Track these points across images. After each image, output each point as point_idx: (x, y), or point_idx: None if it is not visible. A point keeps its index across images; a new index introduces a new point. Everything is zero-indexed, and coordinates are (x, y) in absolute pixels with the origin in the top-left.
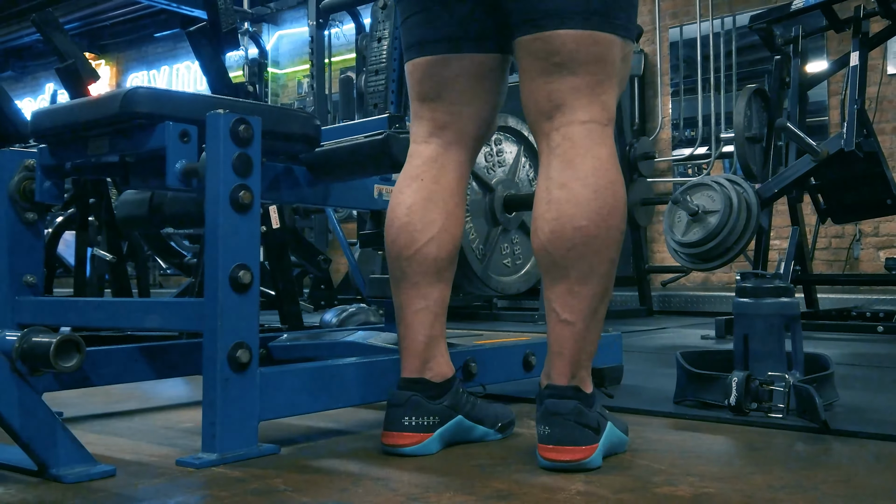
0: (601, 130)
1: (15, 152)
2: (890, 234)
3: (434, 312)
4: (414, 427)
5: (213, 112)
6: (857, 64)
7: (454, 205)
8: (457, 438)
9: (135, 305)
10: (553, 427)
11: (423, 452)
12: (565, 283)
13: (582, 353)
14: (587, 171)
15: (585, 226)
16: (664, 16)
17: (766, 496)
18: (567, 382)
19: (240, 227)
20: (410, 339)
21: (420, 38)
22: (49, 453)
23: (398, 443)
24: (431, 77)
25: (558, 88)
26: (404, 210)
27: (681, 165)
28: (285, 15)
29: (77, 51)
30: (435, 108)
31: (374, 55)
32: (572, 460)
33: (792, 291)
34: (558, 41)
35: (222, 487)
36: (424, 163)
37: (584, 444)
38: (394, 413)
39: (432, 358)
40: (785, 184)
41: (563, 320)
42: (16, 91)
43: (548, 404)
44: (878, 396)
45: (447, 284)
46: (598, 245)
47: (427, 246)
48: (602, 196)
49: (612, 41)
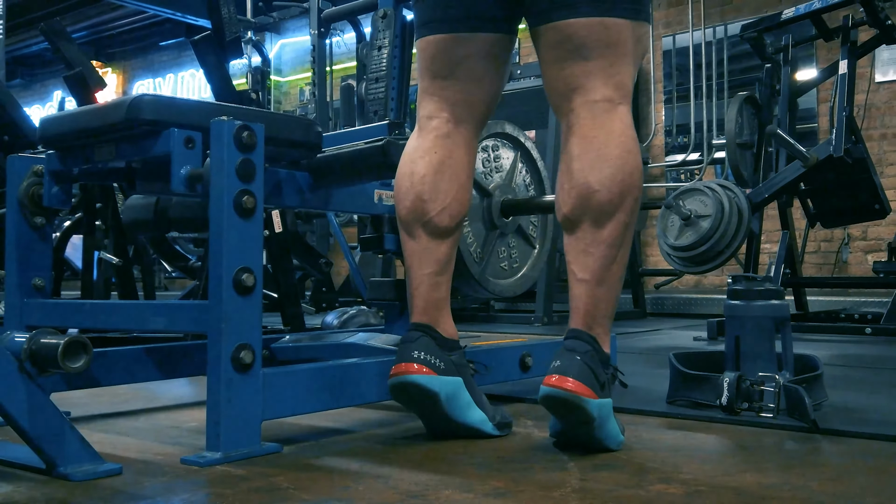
0: (614, 107)
1: (24, 158)
2: (878, 238)
3: (444, 278)
4: (422, 360)
5: (217, 119)
6: (846, 72)
7: (465, 177)
8: (454, 405)
9: (141, 308)
10: (563, 360)
11: (426, 385)
12: (580, 243)
13: (597, 309)
14: (599, 143)
15: (598, 191)
16: (657, 25)
17: (757, 494)
18: (583, 328)
19: (243, 231)
20: (420, 296)
21: (433, 16)
22: (57, 452)
23: (408, 370)
24: (444, 55)
25: (573, 73)
26: (418, 179)
27: (673, 171)
28: (287, 24)
29: (84, 59)
30: (446, 85)
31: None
32: (572, 391)
33: (782, 294)
34: (570, 30)
35: (226, 485)
36: (437, 137)
37: (585, 383)
38: (405, 348)
39: (440, 316)
40: (775, 189)
41: (579, 279)
42: (25, 98)
43: (565, 343)
44: (866, 397)
45: (454, 246)
46: (611, 209)
47: (440, 215)
48: (614, 164)
49: (623, 25)
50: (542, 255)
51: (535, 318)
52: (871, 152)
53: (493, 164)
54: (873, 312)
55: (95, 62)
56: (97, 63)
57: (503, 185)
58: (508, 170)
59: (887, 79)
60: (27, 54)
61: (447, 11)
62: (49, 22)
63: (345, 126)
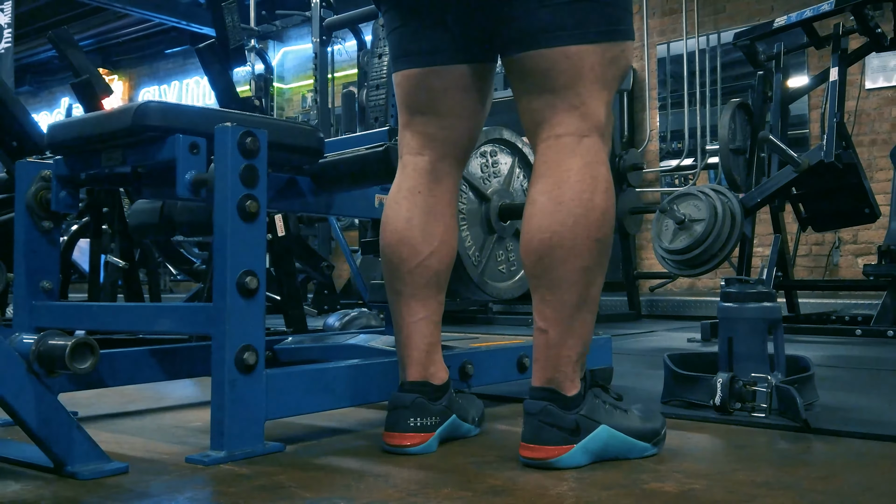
0: (578, 142)
1: (32, 164)
2: (868, 242)
3: (434, 322)
4: (419, 427)
5: (221, 125)
6: (837, 79)
7: (450, 216)
8: (448, 436)
9: (146, 310)
10: (525, 426)
11: (427, 451)
12: (538, 292)
13: (559, 359)
14: (552, 183)
15: (548, 237)
16: (652, 33)
17: (750, 492)
18: (540, 384)
19: (247, 235)
20: (412, 347)
21: (408, 49)
22: (65, 451)
23: (403, 443)
24: (421, 88)
25: (537, 107)
26: (403, 223)
27: (668, 176)
28: (290, 32)
29: (91, 66)
30: (426, 121)
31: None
32: (536, 458)
33: (774, 296)
34: (531, 62)
35: (230, 484)
36: (420, 175)
37: (553, 443)
38: (398, 415)
39: (432, 363)
40: (767, 193)
41: (538, 328)
42: (33, 105)
43: (524, 404)
44: (857, 397)
45: (444, 292)
46: (564, 254)
47: (429, 259)
48: (566, 207)
49: (588, 51)
50: None
51: (533, 320)
52: (861, 157)
53: (492, 169)
54: (863, 314)
55: (102, 69)
56: (104, 70)
57: (501, 189)
58: (506, 175)
59: (877, 86)
60: (35, 62)
61: (421, 44)
62: (57, 30)
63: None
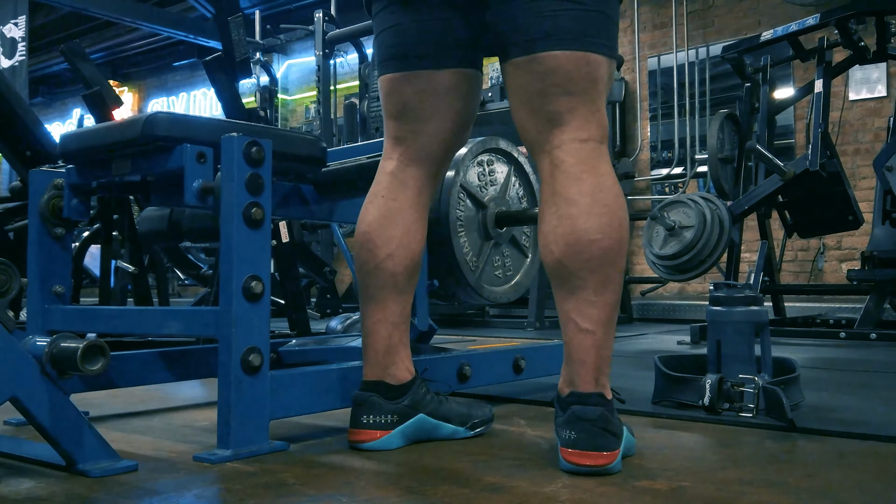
0: (600, 148)
1: (45, 172)
2: (851, 248)
3: (392, 323)
4: (372, 425)
5: (227, 135)
6: (821, 91)
7: (412, 220)
8: (422, 435)
9: (155, 313)
10: (579, 432)
11: (382, 448)
12: (583, 293)
13: (603, 361)
14: (594, 187)
15: (600, 238)
16: (643, 46)
17: (737, 489)
18: (593, 389)
19: (252, 241)
20: (370, 346)
21: (387, 54)
22: (76, 449)
23: (357, 439)
24: (394, 94)
25: (556, 108)
26: (364, 227)
27: (658, 184)
28: (294, 46)
29: (102, 79)
30: (398, 125)
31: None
32: (596, 465)
33: (761, 300)
34: (555, 62)
35: (236, 481)
36: (386, 179)
37: (609, 449)
38: (355, 412)
39: (392, 364)
40: (755, 201)
41: (583, 330)
42: (45, 116)
43: (575, 410)
44: (841, 397)
45: (406, 297)
46: (612, 256)
47: (385, 262)
48: (611, 210)
49: (601, 61)
50: (535, 264)
51: (528, 323)
52: (844, 167)
53: (488, 178)
54: (847, 318)
55: (112, 81)
56: (114, 82)
57: (497, 197)
58: (502, 183)
59: (860, 97)
60: (48, 74)
61: (397, 50)
62: (69, 44)
63: (348, 142)
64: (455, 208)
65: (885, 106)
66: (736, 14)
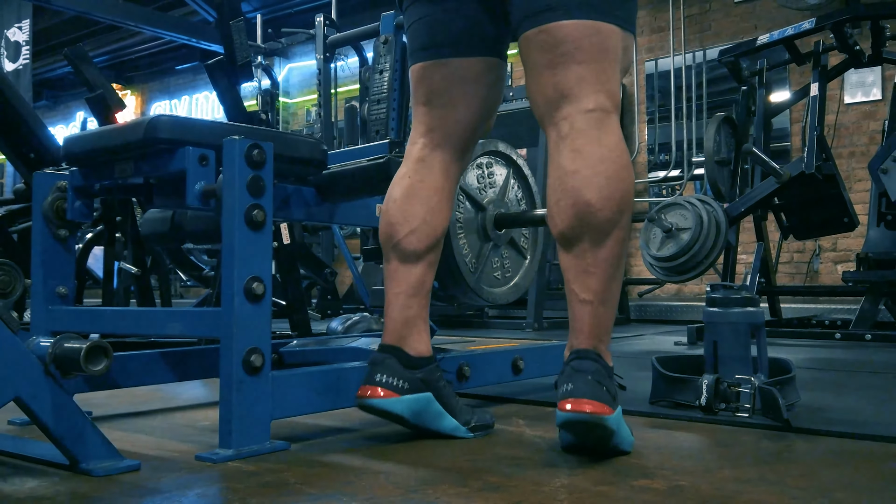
0: (607, 117)
1: (48, 175)
2: (847, 250)
3: (409, 296)
4: (384, 384)
5: (229, 138)
6: (817, 94)
7: (437, 200)
8: (424, 418)
9: (158, 314)
10: (576, 383)
11: (388, 408)
12: (582, 263)
13: (601, 330)
14: (598, 158)
15: (600, 209)
16: (640, 50)
17: (734, 489)
18: (588, 347)
19: (253, 242)
20: (389, 315)
21: (418, 44)
22: (79, 449)
23: (367, 394)
24: (423, 81)
25: (564, 79)
26: (390, 203)
27: (656, 187)
28: (295, 49)
29: (105, 82)
30: (426, 111)
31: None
32: (593, 412)
33: (757, 302)
34: (562, 32)
35: (238, 480)
36: (414, 163)
37: (604, 401)
38: (370, 370)
39: (409, 335)
40: (751, 203)
41: (581, 300)
42: (49, 118)
43: (573, 364)
44: (836, 397)
45: (427, 273)
46: (611, 228)
47: (408, 237)
48: (613, 182)
49: (613, 31)
50: (533, 265)
51: (527, 324)
52: (840, 169)
53: (487, 180)
54: (842, 319)
55: (115, 85)
56: (117, 85)
57: (496, 199)
58: (501, 185)
59: (855, 100)
60: (52, 77)
61: (427, 39)
62: (72, 47)
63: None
64: (454, 210)
65: (880, 109)
66: (733, 18)
